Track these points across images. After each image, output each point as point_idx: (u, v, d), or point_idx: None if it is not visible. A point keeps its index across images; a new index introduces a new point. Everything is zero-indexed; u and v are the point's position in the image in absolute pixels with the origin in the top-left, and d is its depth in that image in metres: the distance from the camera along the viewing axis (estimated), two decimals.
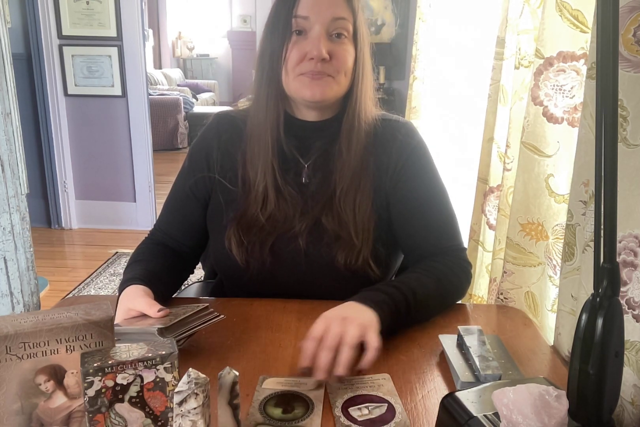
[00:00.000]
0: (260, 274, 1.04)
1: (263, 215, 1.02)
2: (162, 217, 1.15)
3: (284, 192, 1.03)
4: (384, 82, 4.24)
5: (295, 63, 0.97)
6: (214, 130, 1.09)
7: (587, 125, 0.83)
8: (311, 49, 0.95)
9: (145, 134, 3.69)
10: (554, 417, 0.56)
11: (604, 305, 0.55)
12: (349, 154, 1.02)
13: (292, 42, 0.97)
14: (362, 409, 0.74)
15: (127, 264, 1.07)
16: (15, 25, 3.38)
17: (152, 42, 8.39)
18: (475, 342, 0.85)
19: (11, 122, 1.74)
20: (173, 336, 0.79)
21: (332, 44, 0.97)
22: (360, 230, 1.02)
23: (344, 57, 0.98)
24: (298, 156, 1.06)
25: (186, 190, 1.10)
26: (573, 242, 0.89)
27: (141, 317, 0.88)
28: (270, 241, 1.02)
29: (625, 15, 0.72)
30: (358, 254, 1.01)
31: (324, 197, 1.03)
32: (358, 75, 1.01)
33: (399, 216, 1.06)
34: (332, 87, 0.99)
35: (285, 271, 1.04)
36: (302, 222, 1.02)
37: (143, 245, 1.13)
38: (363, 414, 0.73)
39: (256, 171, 1.03)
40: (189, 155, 1.12)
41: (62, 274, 3.13)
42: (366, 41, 1.02)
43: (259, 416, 0.72)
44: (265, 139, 1.02)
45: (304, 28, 0.96)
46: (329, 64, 0.97)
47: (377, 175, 1.05)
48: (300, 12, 0.96)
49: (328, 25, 0.96)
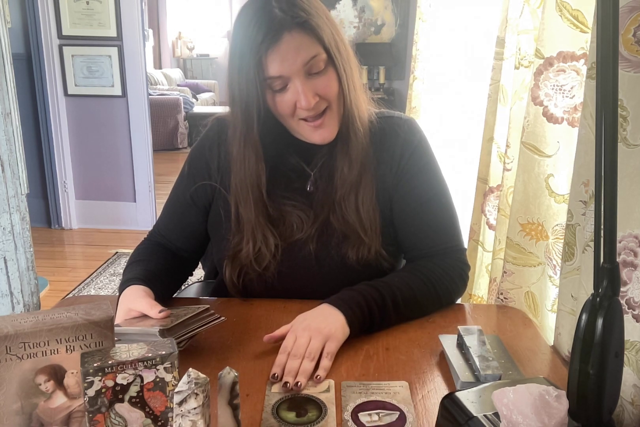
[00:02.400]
0: (268, 283, 1.04)
1: (254, 255, 1.02)
2: (161, 222, 1.14)
3: (286, 217, 1.02)
4: (384, 82, 4.24)
5: (289, 113, 0.96)
6: (214, 136, 1.08)
7: (587, 125, 0.83)
8: (299, 101, 0.93)
9: (145, 134, 3.69)
10: (554, 417, 0.56)
11: (604, 305, 0.55)
12: (348, 156, 1.01)
13: (275, 97, 0.94)
14: (372, 415, 0.74)
15: (127, 264, 1.07)
16: (15, 25, 3.38)
17: (152, 42, 8.39)
18: (475, 342, 0.85)
19: (11, 122, 1.74)
20: (174, 338, 0.79)
21: (314, 82, 0.93)
22: (368, 227, 1.02)
23: (330, 88, 0.95)
24: (303, 164, 1.05)
25: (187, 197, 1.09)
26: (573, 242, 0.89)
27: (142, 318, 0.87)
28: (276, 262, 1.02)
29: (625, 15, 0.72)
30: (369, 248, 1.01)
31: (329, 200, 1.03)
32: (345, 90, 0.97)
33: (400, 213, 1.06)
34: (333, 122, 0.98)
35: (295, 277, 1.04)
36: (311, 229, 1.02)
37: (142, 245, 1.13)
38: (372, 420, 0.73)
39: (246, 212, 1.01)
40: (188, 161, 1.10)
41: (62, 274, 3.13)
42: (342, 49, 0.96)
43: (274, 421, 0.72)
44: (248, 194, 1.01)
45: (281, 84, 0.93)
46: (321, 101, 0.95)
47: (380, 172, 1.04)
48: (272, 73, 0.91)
49: (303, 71, 0.92)
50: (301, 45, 0.91)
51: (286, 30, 0.89)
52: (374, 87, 4.22)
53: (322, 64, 0.93)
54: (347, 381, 0.81)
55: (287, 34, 0.89)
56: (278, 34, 0.89)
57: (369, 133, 1.04)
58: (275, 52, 0.90)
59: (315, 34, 0.91)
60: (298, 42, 0.90)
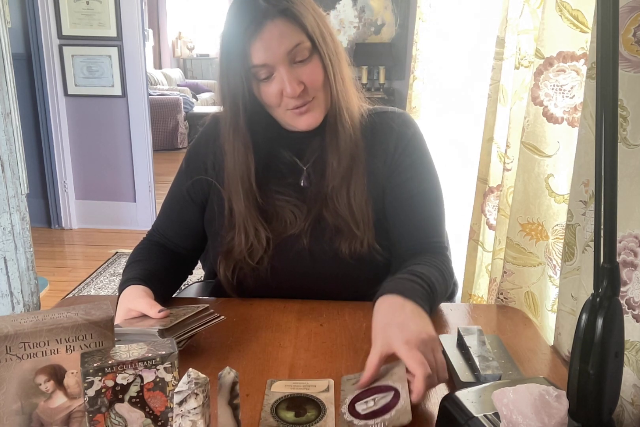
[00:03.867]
0: (262, 279, 1.04)
1: (246, 249, 1.01)
2: (159, 220, 1.15)
3: (278, 211, 1.02)
4: (384, 82, 4.24)
5: (276, 102, 0.96)
6: (211, 133, 1.08)
7: (587, 125, 0.83)
8: (284, 89, 0.94)
9: (145, 134, 3.69)
10: (554, 417, 0.56)
11: (604, 305, 0.55)
12: (338, 154, 1.01)
13: (261, 86, 0.95)
14: (368, 402, 0.73)
15: (126, 264, 1.07)
16: (15, 25, 3.38)
17: (152, 42, 8.39)
18: (475, 342, 0.85)
19: (11, 122, 1.74)
20: (173, 337, 0.79)
21: (299, 70, 0.94)
22: (360, 220, 1.02)
23: (316, 76, 0.96)
24: (296, 159, 1.06)
25: (183, 193, 1.09)
26: (573, 242, 0.89)
27: (141, 318, 0.87)
28: (269, 257, 1.02)
29: (625, 15, 0.72)
30: (362, 242, 1.01)
31: (321, 194, 1.03)
32: (331, 79, 0.98)
33: (390, 205, 1.06)
34: (320, 108, 0.99)
35: (288, 271, 1.04)
36: (304, 223, 1.02)
37: (141, 245, 1.13)
38: (368, 407, 0.72)
39: (238, 207, 1.02)
40: (186, 158, 1.12)
41: (62, 274, 3.13)
42: (328, 39, 0.97)
43: (272, 420, 0.72)
44: (238, 184, 1.01)
45: (267, 72, 0.94)
46: (306, 90, 0.95)
47: (373, 166, 1.04)
48: (256, 61, 0.92)
49: (287, 59, 0.93)
50: (284, 33, 0.92)
51: (269, 19, 0.91)
52: (374, 87, 4.22)
53: (307, 52, 0.94)
54: (347, 375, 0.81)
55: (270, 22, 0.91)
56: (261, 23, 0.91)
57: (359, 127, 1.04)
58: (259, 41, 0.91)
59: (298, 22, 0.93)
60: (281, 30, 0.92)
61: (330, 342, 0.92)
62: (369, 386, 0.76)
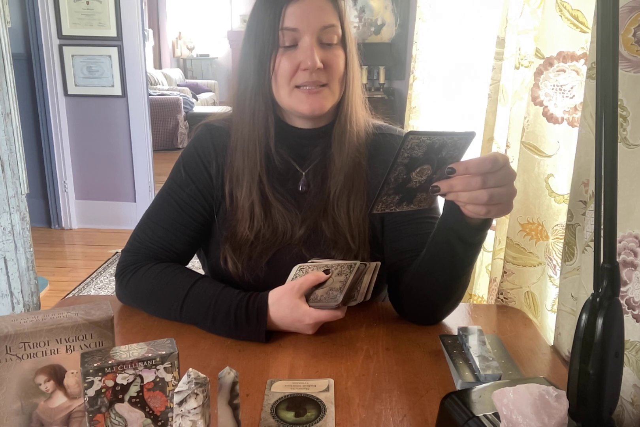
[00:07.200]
0: (256, 283, 1.02)
1: (251, 232, 1.00)
2: (147, 232, 1.06)
3: (275, 207, 1.01)
4: (384, 82, 4.24)
5: (288, 75, 0.95)
6: (208, 140, 1.05)
7: (587, 125, 0.83)
8: (305, 60, 0.93)
9: (145, 134, 3.69)
10: (554, 417, 0.56)
11: (604, 305, 0.55)
12: (341, 157, 1.01)
13: (280, 54, 0.95)
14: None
15: (181, 297, 0.96)
16: (15, 25, 3.38)
17: (152, 42, 8.39)
18: (475, 342, 0.85)
19: (11, 122, 1.74)
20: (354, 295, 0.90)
21: (323, 51, 0.95)
22: (356, 234, 1.01)
23: (337, 63, 0.96)
24: (295, 164, 1.05)
25: (185, 200, 1.05)
26: (573, 242, 0.89)
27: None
28: (267, 254, 1.01)
29: (625, 15, 0.72)
30: (356, 256, 1.01)
31: (321, 202, 1.02)
32: (349, 79, 0.99)
33: (391, 221, 1.04)
34: (328, 98, 0.97)
35: (282, 279, 1.03)
36: (301, 230, 1.02)
37: (156, 269, 1.02)
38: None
39: (242, 187, 1.01)
40: (183, 165, 1.06)
41: (62, 274, 3.13)
42: (353, 42, 1.00)
43: (272, 421, 0.72)
44: (251, 153, 1.00)
45: (293, 40, 0.94)
46: (323, 72, 0.95)
47: (374, 181, 1.03)
48: (288, 24, 0.93)
49: (318, 34, 0.93)
50: (325, 9, 0.94)
51: None
52: (374, 87, 4.22)
53: (336, 38, 0.96)
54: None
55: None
56: None
57: (364, 141, 1.04)
58: (298, 6, 0.93)
59: (337, 8, 0.96)
60: (322, 5, 0.94)
61: (330, 342, 0.92)
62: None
